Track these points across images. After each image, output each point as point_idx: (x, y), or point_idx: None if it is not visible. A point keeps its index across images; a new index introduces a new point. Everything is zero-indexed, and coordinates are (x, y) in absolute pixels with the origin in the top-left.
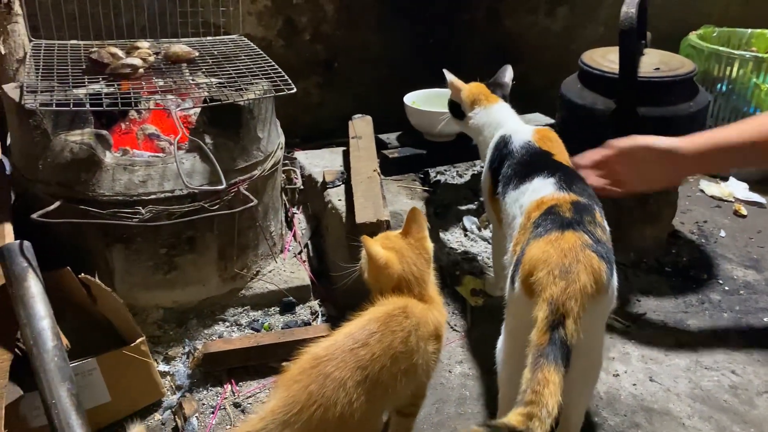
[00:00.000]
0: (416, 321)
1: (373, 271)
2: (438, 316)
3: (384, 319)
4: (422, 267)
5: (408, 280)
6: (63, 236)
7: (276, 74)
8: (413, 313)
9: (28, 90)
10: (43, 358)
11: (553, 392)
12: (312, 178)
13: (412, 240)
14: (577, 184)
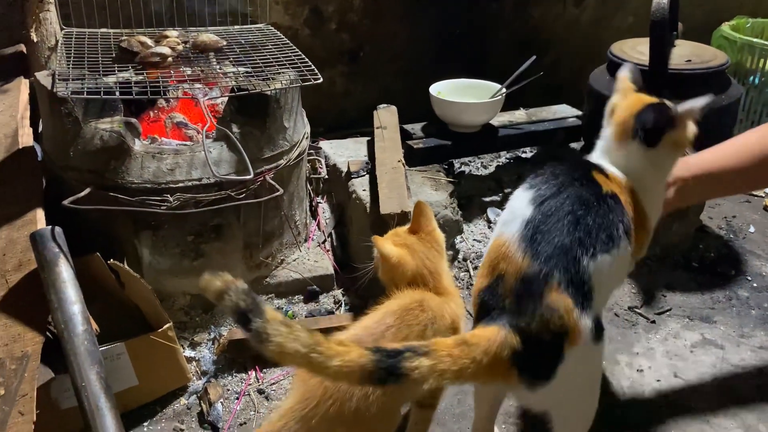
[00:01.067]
0: (432, 314)
1: (387, 269)
2: (455, 309)
3: (400, 313)
4: (435, 260)
5: (422, 275)
6: (92, 223)
7: (302, 63)
8: (429, 306)
9: (60, 78)
10: (73, 342)
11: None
12: (336, 167)
13: (422, 234)
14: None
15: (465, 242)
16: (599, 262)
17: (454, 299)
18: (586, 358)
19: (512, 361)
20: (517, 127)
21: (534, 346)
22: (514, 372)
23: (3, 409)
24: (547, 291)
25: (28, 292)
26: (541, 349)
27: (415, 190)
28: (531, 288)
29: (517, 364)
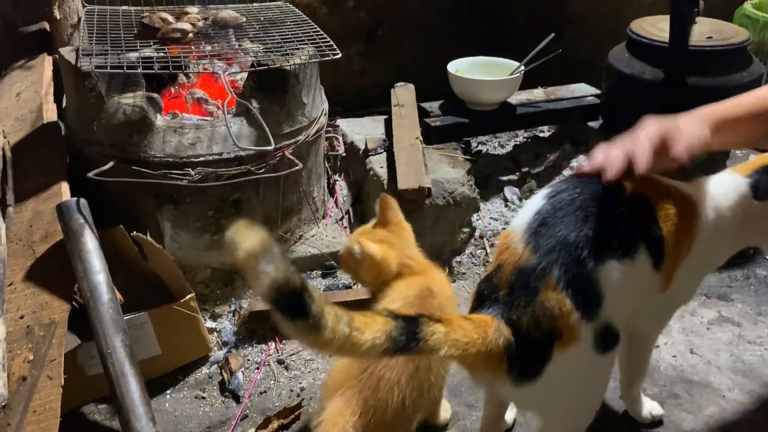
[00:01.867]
0: (439, 295)
1: (371, 268)
2: (443, 277)
3: (418, 303)
4: (411, 248)
5: (406, 264)
6: (116, 196)
7: (321, 39)
8: (435, 289)
9: (84, 53)
10: (99, 310)
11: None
12: (354, 145)
13: (392, 226)
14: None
15: (482, 220)
16: (608, 268)
17: (436, 272)
18: (582, 366)
19: (505, 353)
20: (535, 105)
21: (524, 341)
22: (505, 365)
23: (32, 373)
24: (543, 287)
25: (54, 262)
26: (530, 346)
27: (432, 167)
28: (527, 281)
29: (508, 356)
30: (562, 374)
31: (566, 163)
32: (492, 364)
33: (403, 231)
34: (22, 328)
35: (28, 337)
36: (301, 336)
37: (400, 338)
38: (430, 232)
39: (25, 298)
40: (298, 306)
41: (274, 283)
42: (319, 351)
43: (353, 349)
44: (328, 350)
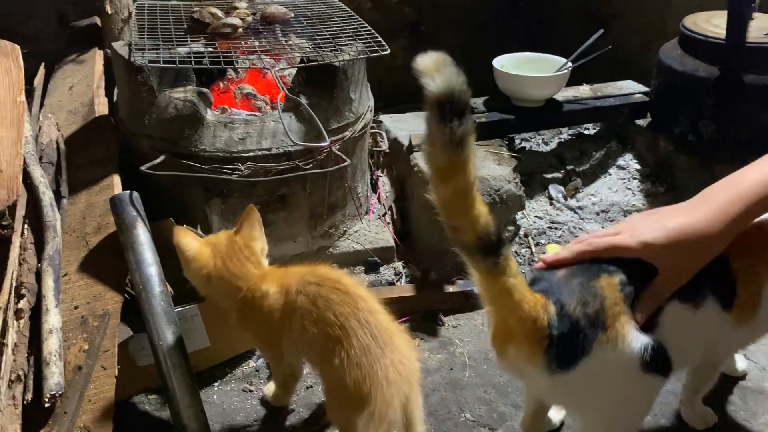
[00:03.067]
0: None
1: (185, 266)
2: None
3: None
4: (240, 264)
5: (221, 277)
6: (165, 189)
7: (369, 35)
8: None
9: (136, 48)
10: (151, 302)
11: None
12: (397, 141)
13: (239, 238)
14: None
15: (526, 218)
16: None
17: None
18: (621, 374)
19: (547, 333)
20: (581, 102)
21: (567, 324)
22: (543, 345)
23: (87, 362)
24: (603, 278)
25: (107, 253)
26: (573, 332)
27: (477, 164)
28: (588, 266)
29: (548, 336)
30: (597, 374)
31: (612, 161)
32: (531, 340)
33: (246, 248)
34: (76, 318)
35: (83, 327)
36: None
37: (488, 242)
38: None
39: (79, 288)
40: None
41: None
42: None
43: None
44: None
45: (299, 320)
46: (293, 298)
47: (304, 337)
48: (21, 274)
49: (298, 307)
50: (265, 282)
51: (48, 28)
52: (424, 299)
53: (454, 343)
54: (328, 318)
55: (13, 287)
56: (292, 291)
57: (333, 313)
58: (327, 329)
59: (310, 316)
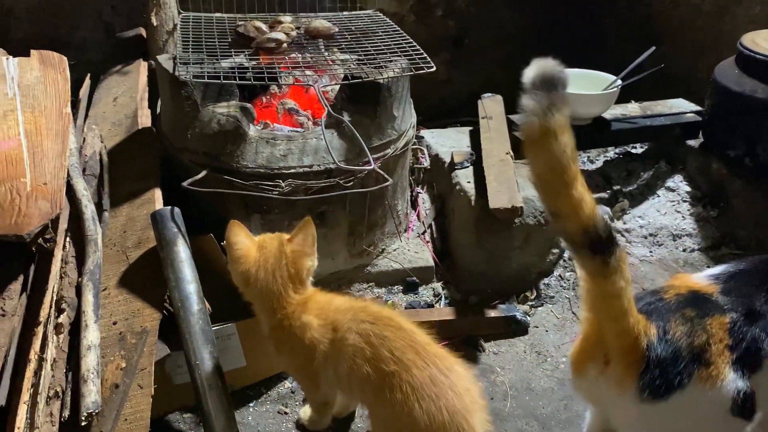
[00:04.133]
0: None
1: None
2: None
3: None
4: (282, 285)
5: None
6: (206, 203)
7: (414, 51)
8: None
9: (181, 62)
10: (189, 321)
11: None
12: (439, 158)
13: (289, 251)
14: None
15: None
16: None
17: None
18: (710, 411)
19: (645, 354)
20: (630, 121)
21: (668, 350)
22: (639, 369)
23: (124, 381)
24: (714, 316)
25: (146, 269)
26: (672, 361)
27: (522, 183)
28: (701, 302)
29: (647, 361)
30: (686, 409)
31: (661, 182)
32: (627, 360)
33: (291, 261)
34: (114, 334)
35: (121, 344)
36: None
37: (600, 235)
38: (518, 253)
39: (118, 304)
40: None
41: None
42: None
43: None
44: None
45: (350, 359)
46: (343, 336)
47: (353, 376)
48: (62, 288)
49: (350, 346)
50: (308, 311)
51: (95, 39)
52: (463, 323)
53: (494, 370)
54: (382, 354)
55: (54, 301)
56: (342, 327)
57: (388, 350)
58: (381, 366)
59: (363, 354)
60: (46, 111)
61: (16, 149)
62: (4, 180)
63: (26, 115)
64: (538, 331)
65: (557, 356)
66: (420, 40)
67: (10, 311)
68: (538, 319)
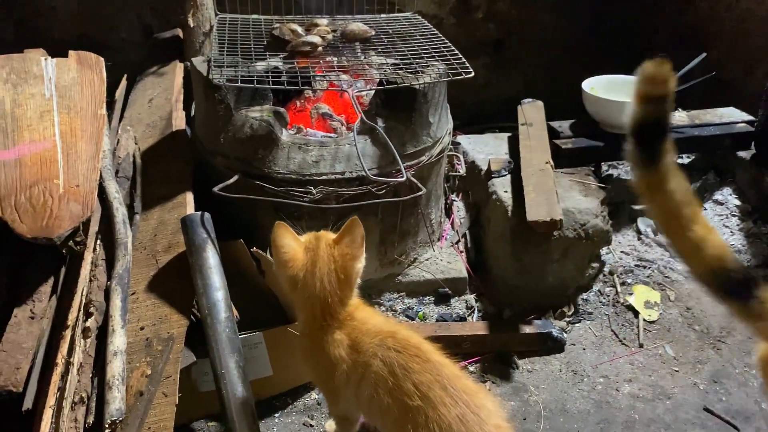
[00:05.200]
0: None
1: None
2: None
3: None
4: (333, 286)
5: (315, 297)
6: (237, 208)
7: (452, 56)
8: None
9: (215, 65)
10: (216, 329)
11: None
12: (475, 165)
13: (337, 254)
14: None
15: (612, 254)
16: None
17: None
18: None
19: None
20: (677, 130)
21: None
22: None
23: (149, 388)
24: None
25: (175, 274)
26: None
27: (562, 194)
28: None
29: None
30: None
31: (709, 195)
32: None
33: (342, 264)
34: (141, 339)
35: (147, 350)
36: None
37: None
38: (556, 267)
39: (146, 308)
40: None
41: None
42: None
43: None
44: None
45: (371, 387)
46: (367, 361)
47: (374, 405)
48: (90, 291)
49: (373, 373)
50: (341, 327)
51: (133, 39)
52: (496, 339)
53: (528, 389)
54: (407, 388)
55: (83, 305)
56: (367, 350)
57: (413, 383)
58: (405, 399)
59: (386, 384)
60: (81, 112)
61: (51, 150)
62: (38, 181)
63: (62, 116)
64: (575, 348)
65: (594, 376)
66: (459, 43)
67: (39, 314)
68: (575, 336)
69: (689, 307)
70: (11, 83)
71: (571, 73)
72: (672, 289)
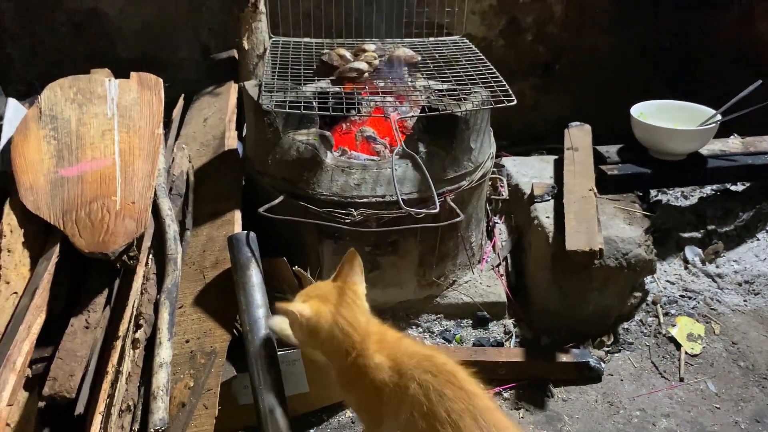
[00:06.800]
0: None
1: (303, 333)
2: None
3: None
4: (352, 313)
5: (341, 328)
6: (281, 226)
7: (496, 83)
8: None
9: (265, 89)
10: (256, 344)
11: None
12: (519, 188)
13: (340, 283)
14: None
15: (656, 283)
16: None
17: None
18: None
19: None
20: (730, 158)
21: None
22: None
23: (191, 400)
24: None
25: (221, 290)
26: None
27: (605, 222)
28: None
29: None
30: None
31: (762, 225)
32: None
33: (349, 291)
34: (186, 352)
35: (191, 362)
36: None
37: None
38: (596, 295)
39: (192, 322)
40: None
41: None
42: None
43: None
44: None
45: (408, 409)
46: (405, 383)
47: (410, 428)
48: (141, 304)
49: (410, 396)
50: (379, 350)
51: (192, 59)
52: (533, 366)
53: (562, 419)
54: (439, 414)
55: (133, 316)
56: (406, 373)
57: (445, 410)
58: (437, 425)
59: (421, 408)
60: (140, 131)
61: (110, 168)
62: (98, 197)
63: (122, 135)
64: (612, 379)
65: (631, 408)
66: (508, 65)
67: (93, 324)
68: (614, 367)
69: (735, 341)
70: (77, 103)
71: (621, 96)
72: (717, 322)
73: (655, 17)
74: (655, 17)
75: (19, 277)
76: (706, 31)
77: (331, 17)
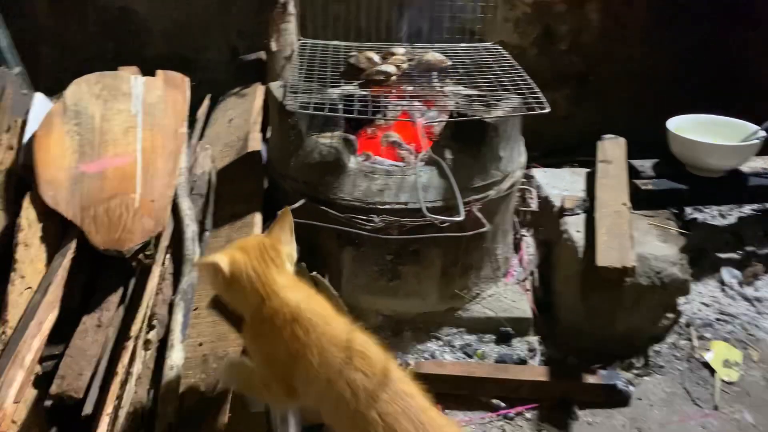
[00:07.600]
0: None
1: (218, 282)
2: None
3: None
4: (266, 270)
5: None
6: (302, 230)
7: (528, 90)
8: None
9: (290, 91)
10: None
11: None
12: (548, 201)
13: (267, 240)
14: None
15: (690, 304)
16: None
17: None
18: None
19: None
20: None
21: None
22: None
23: (201, 405)
24: None
25: None
26: None
27: (638, 238)
28: None
29: None
30: None
31: None
32: None
33: (270, 249)
34: (199, 355)
35: (203, 366)
36: None
37: None
38: (627, 314)
39: (207, 325)
40: None
41: None
42: None
43: None
44: None
45: (333, 403)
46: (332, 378)
47: (332, 418)
48: (155, 305)
49: (335, 392)
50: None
51: (220, 60)
52: (557, 386)
53: None
54: (371, 417)
55: (147, 316)
56: (333, 366)
57: (378, 413)
58: (366, 427)
59: (347, 406)
60: (163, 129)
61: (131, 165)
62: (117, 194)
63: (145, 132)
64: (641, 404)
65: None
66: (542, 74)
67: (105, 322)
68: (643, 391)
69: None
70: (102, 99)
71: (655, 109)
72: (756, 348)
73: (694, 30)
74: (694, 30)
75: (34, 271)
76: (745, 45)
77: (360, 20)
